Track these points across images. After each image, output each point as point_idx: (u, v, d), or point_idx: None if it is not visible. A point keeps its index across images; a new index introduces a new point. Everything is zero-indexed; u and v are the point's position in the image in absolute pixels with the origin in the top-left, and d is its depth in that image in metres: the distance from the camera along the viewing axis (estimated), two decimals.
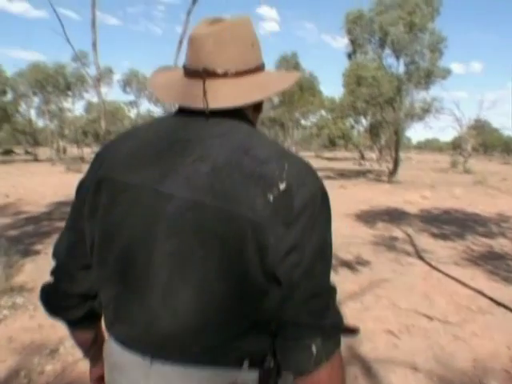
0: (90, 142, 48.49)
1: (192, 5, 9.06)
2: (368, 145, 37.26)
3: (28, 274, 4.57)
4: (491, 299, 4.22)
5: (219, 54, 0.82)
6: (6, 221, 7.76)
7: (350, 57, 22.84)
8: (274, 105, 34.52)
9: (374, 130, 27.21)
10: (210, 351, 0.80)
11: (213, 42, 0.81)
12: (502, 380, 2.76)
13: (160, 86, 0.91)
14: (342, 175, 23.57)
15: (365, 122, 28.11)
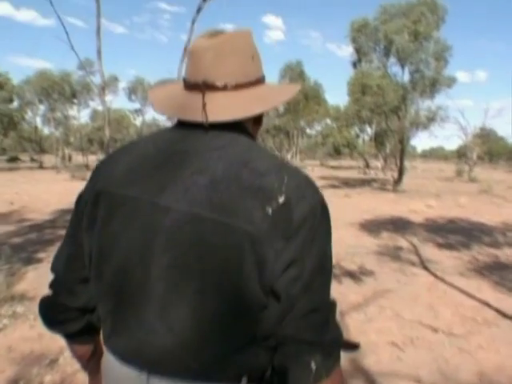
0: (95, 149, 48.86)
1: (197, 14, 9.12)
2: (373, 153, 37.31)
3: (30, 283, 4.57)
4: (497, 311, 4.16)
5: (219, 67, 0.81)
6: (9, 228, 7.80)
7: (354, 65, 22.98)
8: (279, 113, 34.63)
9: (378, 139, 27.29)
10: (208, 367, 0.78)
11: (212, 55, 0.81)
12: None
13: (159, 99, 0.90)
14: (346, 184, 23.55)
15: (370, 130, 28.23)
